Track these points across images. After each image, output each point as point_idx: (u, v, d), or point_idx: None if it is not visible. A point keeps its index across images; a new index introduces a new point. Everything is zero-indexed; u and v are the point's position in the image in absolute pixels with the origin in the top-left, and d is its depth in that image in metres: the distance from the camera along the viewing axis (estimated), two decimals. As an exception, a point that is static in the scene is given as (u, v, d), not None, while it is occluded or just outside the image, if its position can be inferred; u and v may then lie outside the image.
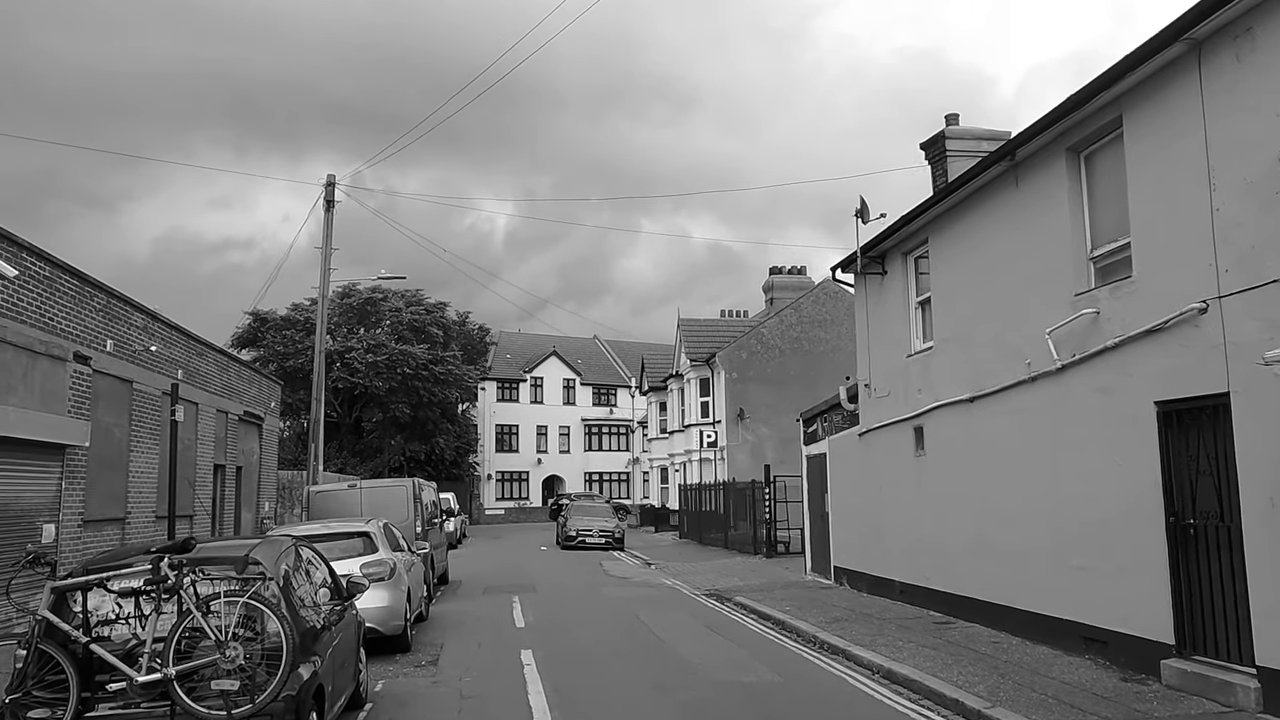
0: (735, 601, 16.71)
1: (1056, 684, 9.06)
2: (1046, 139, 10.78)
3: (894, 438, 15.38)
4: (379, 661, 11.01)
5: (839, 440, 18.45)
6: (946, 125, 16.83)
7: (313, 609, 7.13)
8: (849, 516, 17.79)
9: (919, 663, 10.28)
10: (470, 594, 18.75)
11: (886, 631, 12.47)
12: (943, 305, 13.84)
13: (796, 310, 37.89)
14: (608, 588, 19.64)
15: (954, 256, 13.47)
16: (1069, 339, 10.43)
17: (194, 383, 19.78)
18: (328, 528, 12.17)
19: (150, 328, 17.23)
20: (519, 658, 11.15)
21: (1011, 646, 10.99)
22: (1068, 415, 10.54)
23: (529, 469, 64.94)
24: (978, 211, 12.70)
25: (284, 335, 45.02)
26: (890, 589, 15.60)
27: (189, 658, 5.79)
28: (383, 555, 11.58)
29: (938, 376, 13.86)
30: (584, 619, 14.83)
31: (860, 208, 15.79)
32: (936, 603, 13.86)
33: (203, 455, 20.37)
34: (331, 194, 21.98)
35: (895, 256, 15.48)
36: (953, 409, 13.32)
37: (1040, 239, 11.15)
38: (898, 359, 15.30)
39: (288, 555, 7.05)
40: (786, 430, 36.21)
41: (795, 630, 13.34)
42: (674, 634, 13.02)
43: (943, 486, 13.72)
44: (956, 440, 13.26)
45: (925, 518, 14.29)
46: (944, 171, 16.31)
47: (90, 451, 14.31)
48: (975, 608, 12.67)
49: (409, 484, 18.39)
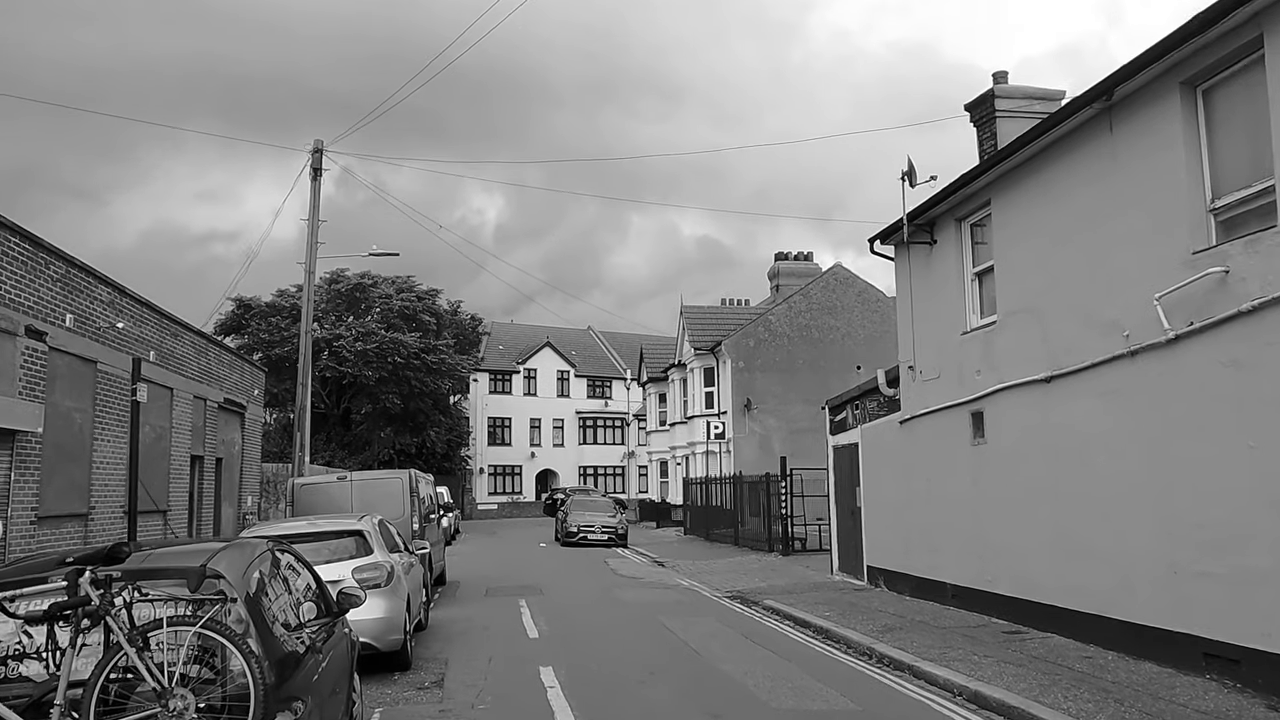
0: (765, 605, 15.17)
1: (1190, 712, 7.54)
2: (1154, 73, 9.23)
3: (945, 424, 13.85)
4: (374, 682, 9.41)
5: (874, 429, 16.92)
6: (994, 84, 15.31)
7: (294, 629, 5.54)
8: (886, 511, 16.27)
9: (1009, 683, 8.76)
10: (471, 597, 17.15)
11: (952, 642, 10.95)
12: (1009, 275, 12.31)
13: (806, 296, 36.34)
14: (621, 589, 18.07)
15: (1024, 219, 11.93)
16: (1184, 305, 8.90)
17: (168, 366, 18.09)
18: (315, 525, 10.51)
19: (117, 303, 15.54)
20: (539, 677, 9.54)
21: (1109, 663, 9.48)
22: (1182, 394, 9.01)
23: (522, 463, 63.26)
24: (1057, 165, 11.16)
25: (269, 322, 43.20)
26: (939, 592, 14.09)
27: (120, 710, 4.20)
28: (378, 557, 9.94)
29: (1003, 355, 12.33)
30: (604, 628, 13.24)
31: (908, 169, 14.23)
32: (1000, 609, 12.35)
33: (178, 445, 18.68)
34: (319, 161, 20.29)
35: (947, 223, 13.94)
36: (1023, 391, 11.79)
37: (1142, 191, 9.61)
38: (950, 337, 13.77)
39: (261, 563, 5.45)
40: (796, 421, 34.75)
41: (844, 640, 11.81)
42: (710, 646, 11.45)
43: (1009, 478, 12.20)
44: (1028, 426, 11.73)
45: (986, 513, 12.78)
46: (992, 133, 14.83)
47: (46, 438, 12.64)
48: (1053, 616, 11.15)
49: (404, 476, 16.68)
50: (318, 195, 20.32)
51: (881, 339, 35.64)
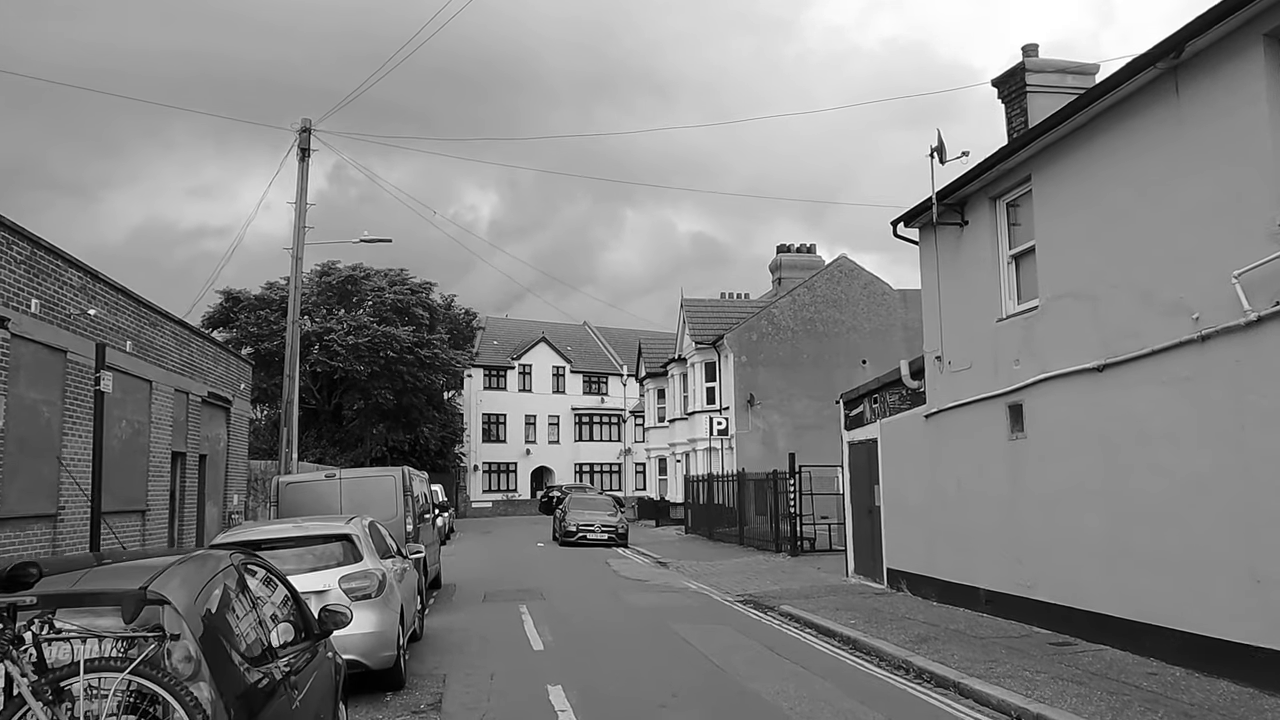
0: (782, 611, 14.23)
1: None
2: (1233, 25, 8.30)
3: (978, 418, 12.92)
4: (363, 703, 8.43)
5: (895, 423, 15.98)
6: (1024, 57, 14.38)
7: (263, 659, 4.58)
8: (909, 511, 15.34)
9: (1074, 704, 7.83)
10: (468, 601, 16.17)
11: (996, 655, 10.02)
12: (1053, 255, 11.37)
13: (810, 289, 35.39)
14: (626, 593, 17.10)
15: (1071, 194, 10.99)
16: (1268, 283, 7.98)
17: (147, 357, 17.06)
18: (298, 529, 9.48)
19: (90, 289, 14.50)
20: (548, 699, 8.55)
21: (1179, 681, 8.55)
22: (1263, 381, 8.08)
23: (517, 460, 62.24)
24: (1111, 134, 10.22)
25: (258, 315, 42.05)
26: (969, 597, 13.17)
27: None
28: (368, 564, 8.93)
29: (1046, 342, 11.40)
30: (613, 637, 12.25)
31: (937, 145, 13.31)
32: (1042, 617, 11.42)
33: (158, 441, 17.65)
34: (306, 141, 19.24)
35: (980, 203, 13.00)
36: (1070, 381, 10.86)
37: (1215, 158, 8.68)
38: (984, 325, 12.83)
39: (223, 580, 4.47)
40: (800, 417, 33.82)
41: (875, 652, 10.87)
42: (732, 660, 10.48)
43: (1052, 475, 11.27)
44: (1076, 419, 10.80)
45: (1025, 513, 11.85)
46: (1022, 109, 13.92)
47: (9, 433, 11.63)
48: (1104, 626, 10.23)
49: (398, 474, 15.63)
50: (305, 177, 19.27)
51: (888, 333, 34.76)
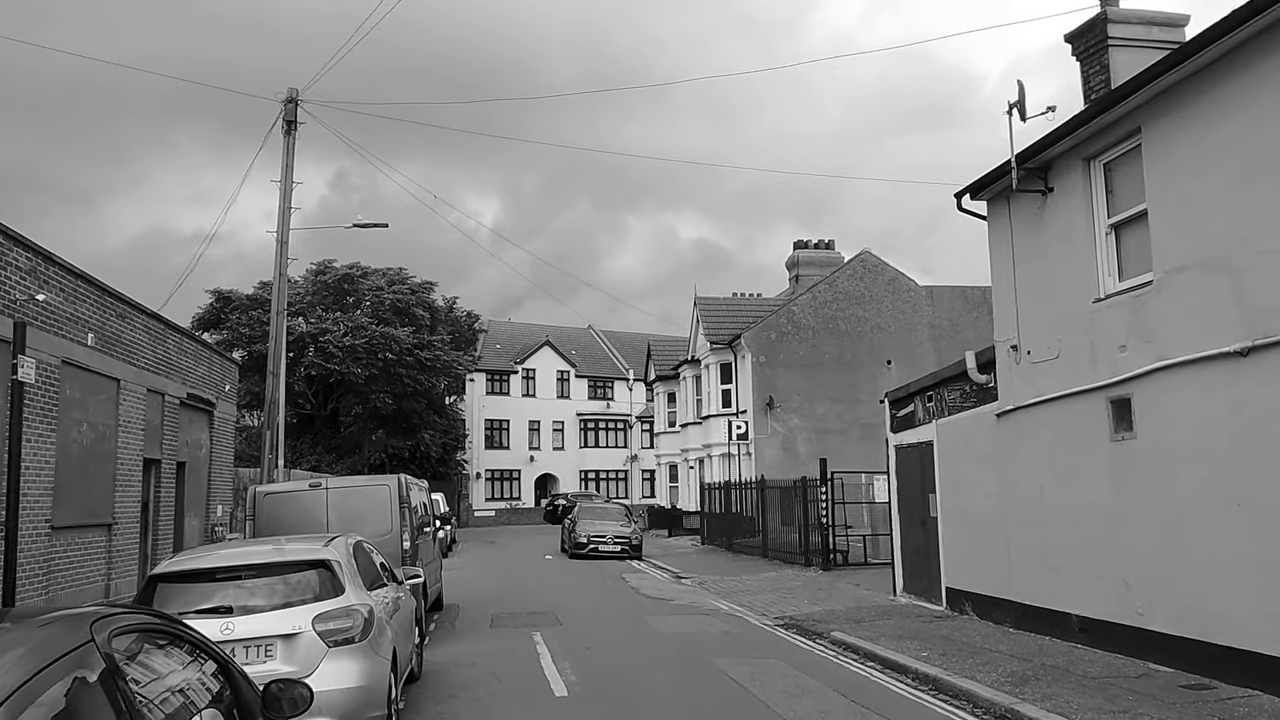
0: (834, 640, 12.39)
1: None
2: None
3: (1069, 415, 11.10)
4: (346, 778, 6.59)
5: (955, 423, 14.15)
6: (1103, 6, 12.63)
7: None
8: (974, 523, 13.51)
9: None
10: (474, 627, 14.30)
11: (1122, 702, 8.20)
12: (1172, 221, 9.55)
13: (831, 286, 33.58)
14: (651, 616, 15.22)
15: (1196, 148, 9.19)
16: None
17: (113, 353, 15.26)
18: (263, 553, 7.58)
19: (41, 271, 12.70)
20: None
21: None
22: None
23: (521, 467, 60.37)
24: (1252, 73, 8.42)
25: (250, 316, 40.24)
26: (1057, 625, 11.33)
27: None
28: (351, 599, 7.02)
29: (1163, 324, 9.58)
30: (647, 677, 10.31)
31: (1018, 99, 11.49)
32: (1159, 651, 9.58)
33: (127, 447, 15.84)
34: (293, 113, 17.47)
35: (1070, 165, 11.19)
36: (1199, 369, 9.03)
37: None
38: (1075, 307, 11.01)
39: (72, 670, 2.63)
40: (822, 421, 31.98)
41: (967, 696, 9.02)
42: (801, 711, 8.61)
43: (1173, 482, 9.44)
44: (1207, 413, 8.97)
45: (1135, 526, 10.02)
46: (1103, 65, 12.23)
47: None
48: (1253, 665, 8.38)
49: (392, 483, 13.66)
50: (291, 153, 17.44)
51: (913, 331, 32.99)
